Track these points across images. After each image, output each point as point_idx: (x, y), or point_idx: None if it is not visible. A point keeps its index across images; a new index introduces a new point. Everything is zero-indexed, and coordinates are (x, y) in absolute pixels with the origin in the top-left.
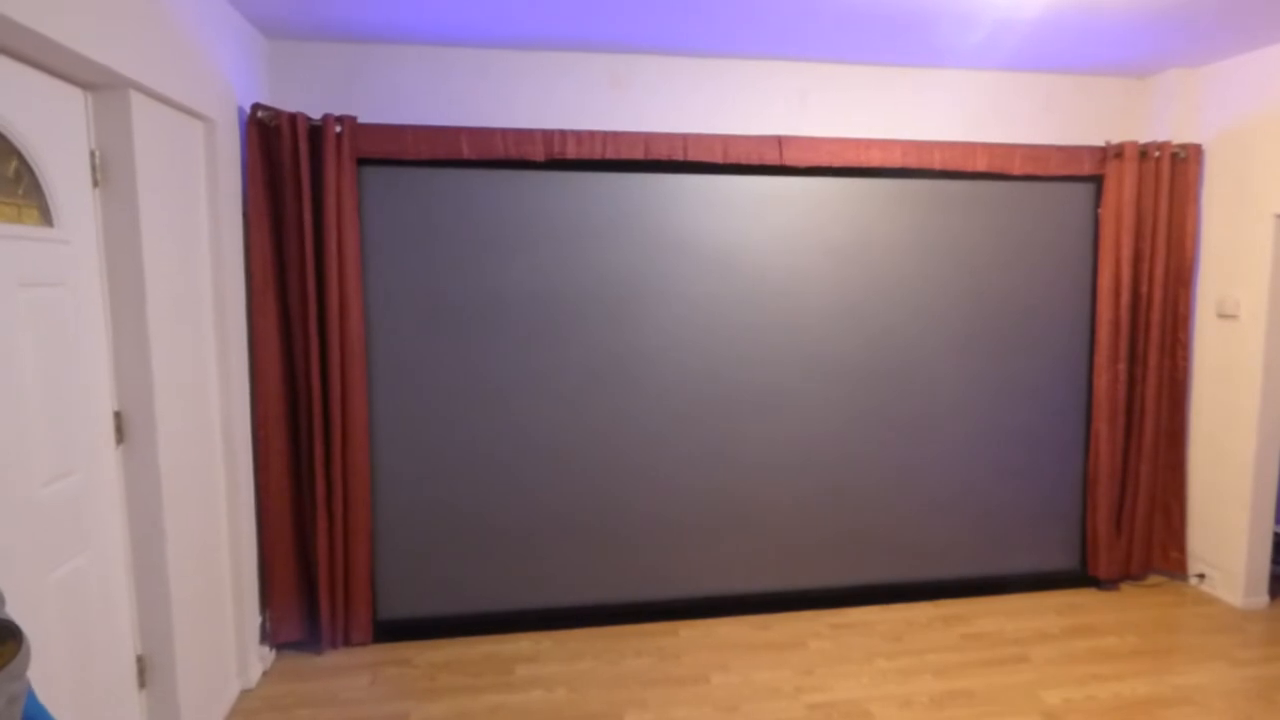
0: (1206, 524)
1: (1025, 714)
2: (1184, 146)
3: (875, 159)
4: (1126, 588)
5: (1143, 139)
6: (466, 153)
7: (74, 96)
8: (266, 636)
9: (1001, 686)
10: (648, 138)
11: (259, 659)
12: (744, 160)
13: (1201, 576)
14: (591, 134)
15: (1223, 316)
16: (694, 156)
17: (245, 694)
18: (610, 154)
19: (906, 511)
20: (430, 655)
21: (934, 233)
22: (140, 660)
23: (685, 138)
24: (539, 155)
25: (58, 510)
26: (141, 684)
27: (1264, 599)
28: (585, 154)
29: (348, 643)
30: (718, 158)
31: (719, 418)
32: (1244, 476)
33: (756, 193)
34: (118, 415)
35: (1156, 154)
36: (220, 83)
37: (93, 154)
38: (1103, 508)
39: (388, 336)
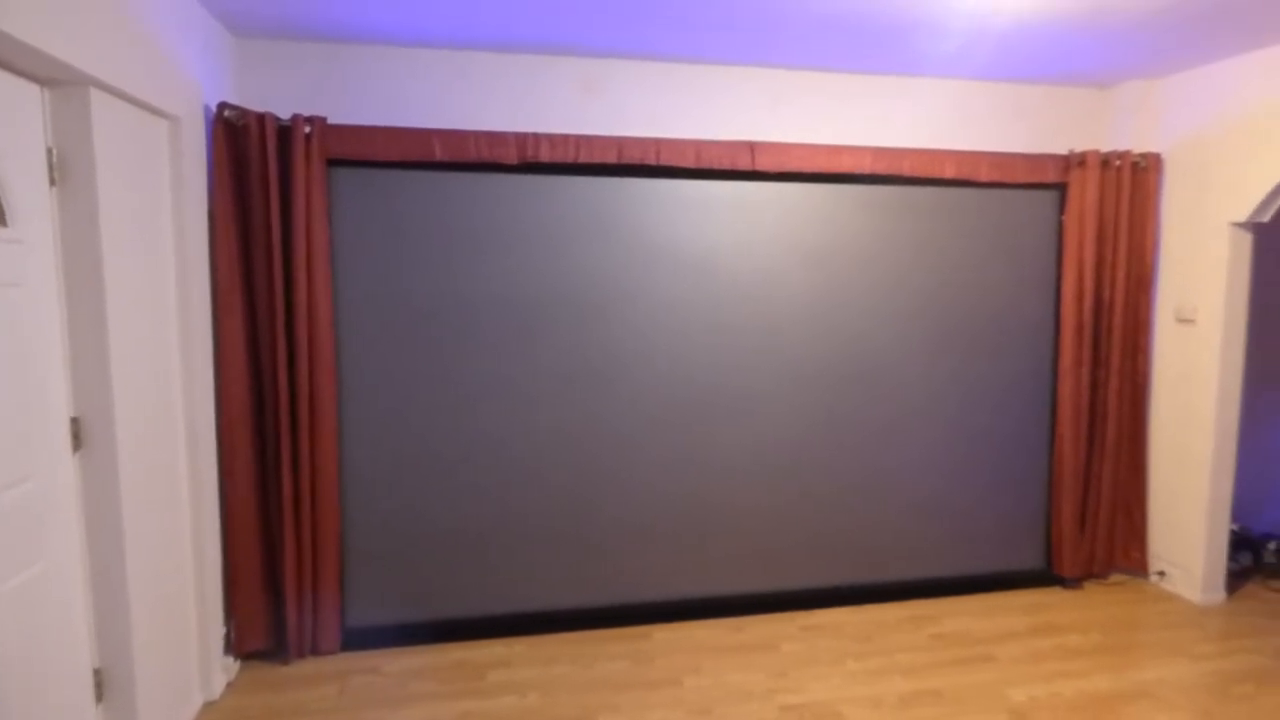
0: (1166, 523)
1: (992, 712)
2: (1144, 156)
3: (845, 165)
4: (1090, 586)
5: (1105, 148)
6: (439, 155)
7: (30, 92)
8: (231, 646)
9: (969, 685)
10: (621, 142)
11: (223, 670)
12: (716, 165)
13: (1162, 574)
14: (565, 137)
15: (1181, 321)
16: (667, 161)
17: (208, 706)
18: (584, 158)
19: (877, 514)
20: (400, 663)
21: (904, 238)
22: (98, 673)
23: (658, 142)
24: (512, 158)
25: (11, 519)
26: (99, 697)
27: (1221, 595)
28: (558, 157)
29: (315, 651)
30: (690, 162)
31: (692, 421)
32: (1202, 476)
33: (729, 197)
34: (75, 421)
35: (1118, 163)
36: (185, 80)
37: (50, 152)
38: (1067, 508)
39: (357, 339)
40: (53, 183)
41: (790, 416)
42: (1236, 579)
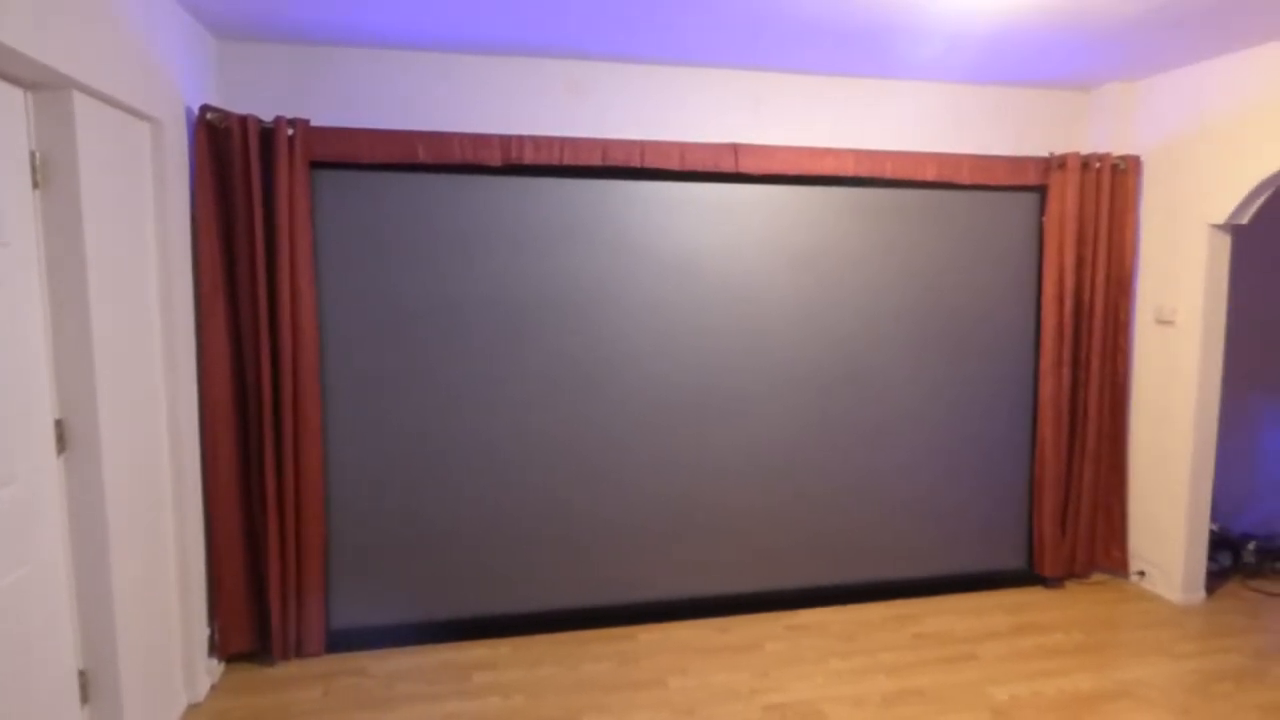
0: (1146, 523)
1: (974, 711)
2: (1124, 158)
3: (828, 167)
4: (1071, 586)
5: (1085, 150)
6: (423, 157)
7: (13, 96)
8: (215, 648)
9: (951, 684)
10: (606, 144)
11: (207, 672)
12: (701, 167)
13: (1141, 574)
14: (550, 139)
15: (1160, 322)
16: (652, 163)
17: (193, 708)
18: (568, 160)
19: (862, 514)
20: (386, 664)
21: (887, 240)
22: (82, 675)
23: (643, 144)
24: (496, 160)
25: None
26: (84, 699)
27: (1200, 594)
28: (543, 159)
29: (300, 653)
30: (675, 164)
31: (679, 423)
32: (1181, 477)
33: (714, 199)
34: (59, 423)
35: (1097, 165)
36: (167, 83)
37: (33, 155)
38: (1048, 508)
39: (342, 342)
40: (36, 186)
41: (778, 418)
42: (1216, 579)
